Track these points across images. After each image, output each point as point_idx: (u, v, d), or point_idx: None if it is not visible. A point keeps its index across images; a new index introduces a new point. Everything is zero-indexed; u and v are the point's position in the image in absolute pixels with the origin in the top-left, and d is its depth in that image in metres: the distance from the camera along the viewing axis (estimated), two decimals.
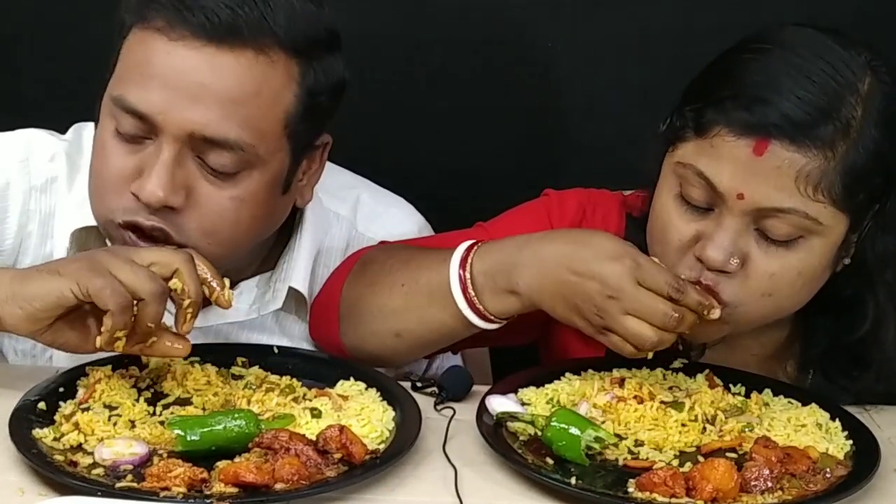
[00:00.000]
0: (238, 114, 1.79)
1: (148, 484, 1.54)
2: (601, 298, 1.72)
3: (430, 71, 2.58)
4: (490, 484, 1.64)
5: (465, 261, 1.83)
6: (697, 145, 1.78)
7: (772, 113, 1.72)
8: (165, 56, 1.79)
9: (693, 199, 1.79)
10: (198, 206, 1.81)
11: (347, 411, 1.74)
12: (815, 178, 1.72)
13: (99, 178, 1.85)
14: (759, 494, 1.61)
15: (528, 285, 1.78)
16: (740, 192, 1.74)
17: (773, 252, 1.77)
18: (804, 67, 1.74)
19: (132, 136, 1.81)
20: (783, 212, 1.74)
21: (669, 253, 1.80)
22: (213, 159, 1.80)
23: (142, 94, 1.79)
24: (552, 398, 1.82)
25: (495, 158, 2.64)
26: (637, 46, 2.58)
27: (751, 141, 1.72)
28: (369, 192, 2.14)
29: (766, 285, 1.78)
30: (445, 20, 2.56)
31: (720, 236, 1.76)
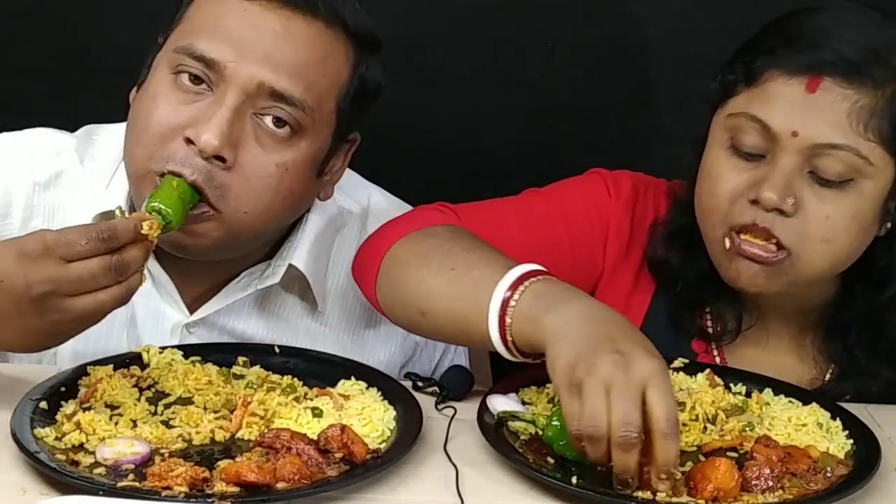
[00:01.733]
0: (305, 76, 1.84)
1: (149, 483, 1.54)
2: (607, 359, 1.55)
3: (430, 71, 2.59)
4: (491, 483, 1.64)
5: (516, 287, 1.69)
6: (749, 94, 1.83)
7: (823, 52, 1.78)
8: (242, 13, 1.84)
9: (746, 147, 1.82)
10: (243, 167, 1.83)
11: (349, 411, 1.74)
12: (865, 114, 1.77)
13: (146, 127, 1.85)
14: (760, 494, 1.61)
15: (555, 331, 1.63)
16: (795, 129, 1.78)
17: (826, 195, 1.80)
18: (853, 19, 1.82)
19: (195, 80, 1.83)
20: (836, 148, 1.78)
21: (721, 204, 1.84)
22: (272, 114, 1.84)
23: (213, 44, 1.83)
24: (553, 397, 1.82)
25: (495, 158, 2.64)
26: (637, 46, 2.58)
27: (803, 79, 1.79)
28: (381, 195, 2.16)
29: (824, 229, 1.80)
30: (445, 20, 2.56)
31: (775, 175, 1.79)
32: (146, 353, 1.84)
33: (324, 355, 1.93)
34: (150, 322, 2.00)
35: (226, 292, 2.01)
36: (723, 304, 1.98)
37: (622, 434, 1.51)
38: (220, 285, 2.01)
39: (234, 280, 2.01)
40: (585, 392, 1.54)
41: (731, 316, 1.98)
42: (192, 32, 1.86)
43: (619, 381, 1.53)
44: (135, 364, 1.82)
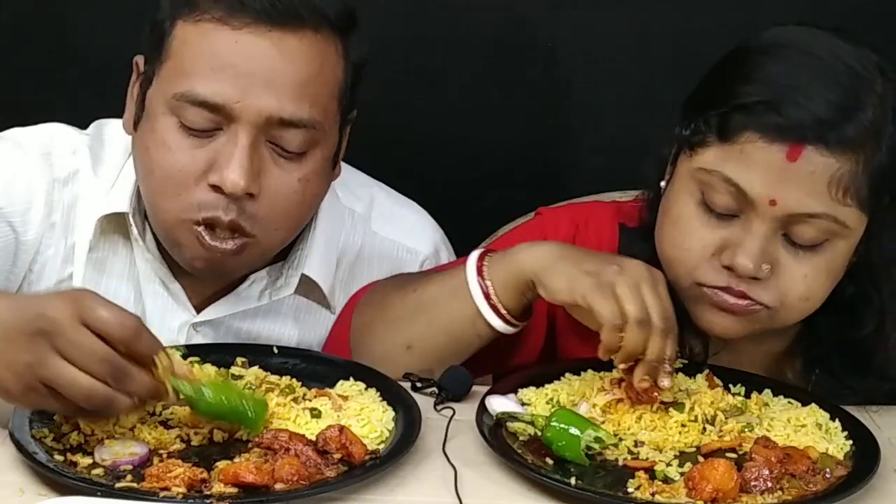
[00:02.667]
0: (308, 94, 1.83)
1: (148, 484, 1.54)
2: (607, 264, 1.75)
3: (430, 71, 2.59)
4: (490, 484, 1.64)
5: (485, 253, 1.86)
6: (723, 150, 1.76)
7: (805, 116, 1.71)
8: (233, 45, 1.81)
9: (718, 206, 1.78)
10: (268, 192, 1.84)
11: (347, 411, 1.74)
12: (845, 181, 1.73)
13: (167, 177, 1.84)
14: (759, 494, 1.61)
15: (534, 252, 1.82)
16: (773, 198, 1.73)
17: (801, 256, 1.78)
18: (826, 68, 1.75)
19: (202, 130, 1.82)
20: (814, 216, 1.74)
21: (689, 259, 1.80)
22: (286, 141, 1.84)
23: (214, 86, 1.80)
24: (552, 398, 1.82)
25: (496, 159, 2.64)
26: (637, 46, 2.58)
27: (784, 146, 1.72)
28: (385, 193, 2.16)
29: (802, 289, 1.79)
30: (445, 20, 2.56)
31: (750, 243, 1.76)
32: None
33: (322, 356, 1.93)
34: (158, 320, 2.01)
35: (237, 297, 2.01)
36: (688, 330, 1.96)
37: (665, 319, 1.71)
38: (228, 287, 2.01)
39: (243, 283, 2.01)
40: (623, 289, 1.71)
41: (697, 342, 1.96)
42: (186, 74, 1.82)
43: (645, 278, 1.73)
44: None
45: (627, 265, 1.75)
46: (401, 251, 2.10)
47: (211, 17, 1.81)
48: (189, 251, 1.87)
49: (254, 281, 2.02)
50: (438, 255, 2.12)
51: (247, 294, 2.01)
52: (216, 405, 1.64)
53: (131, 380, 1.55)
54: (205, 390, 1.63)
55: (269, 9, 1.80)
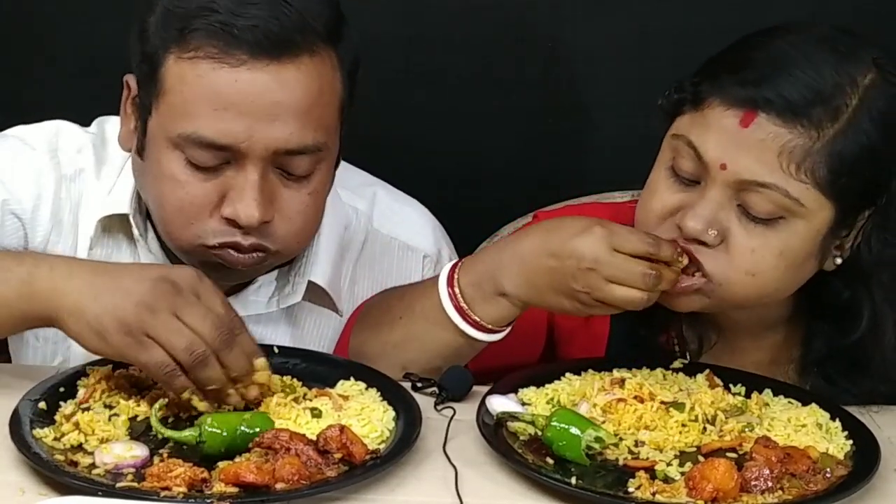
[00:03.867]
0: (311, 120, 1.83)
1: (148, 484, 1.55)
2: (582, 273, 1.75)
3: (430, 71, 2.59)
4: (490, 484, 1.64)
5: (452, 277, 1.86)
6: (692, 117, 1.80)
7: (764, 88, 1.74)
8: (233, 84, 1.79)
9: (682, 171, 1.81)
10: (283, 212, 1.86)
11: (348, 411, 1.74)
12: (798, 155, 1.73)
13: (179, 210, 1.85)
14: (760, 494, 1.61)
15: (515, 284, 1.81)
16: (723, 161, 1.76)
17: (753, 229, 1.77)
18: (806, 53, 1.77)
19: (210, 166, 1.83)
20: (764, 186, 1.75)
21: (651, 219, 1.83)
22: (293, 167, 1.85)
23: (219, 127, 1.80)
24: (552, 398, 1.82)
25: (496, 159, 2.64)
26: (637, 46, 2.58)
27: (739, 112, 1.75)
28: (385, 190, 2.16)
29: (748, 262, 1.78)
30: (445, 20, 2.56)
31: (700, 206, 1.78)
32: None
33: (323, 355, 1.93)
34: None
35: (245, 300, 2.01)
36: (684, 323, 1.97)
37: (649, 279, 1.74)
38: (235, 288, 2.01)
39: (251, 285, 2.02)
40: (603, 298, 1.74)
41: (692, 335, 1.97)
42: (188, 115, 1.81)
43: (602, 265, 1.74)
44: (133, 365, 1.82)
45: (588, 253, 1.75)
46: (402, 248, 2.10)
47: (206, 55, 1.79)
48: (212, 270, 1.86)
49: (261, 285, 2.02)
50: (440, 253, 2.12)
51: (255, 298, 2.01)
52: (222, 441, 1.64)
53: (236, 351, 1.68)
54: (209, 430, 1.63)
55: (263, 41, 1.78)
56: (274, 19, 1.79)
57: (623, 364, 1.89)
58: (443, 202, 2.21)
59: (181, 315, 1.65)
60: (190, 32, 1.80)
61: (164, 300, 1.65)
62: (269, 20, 1.78)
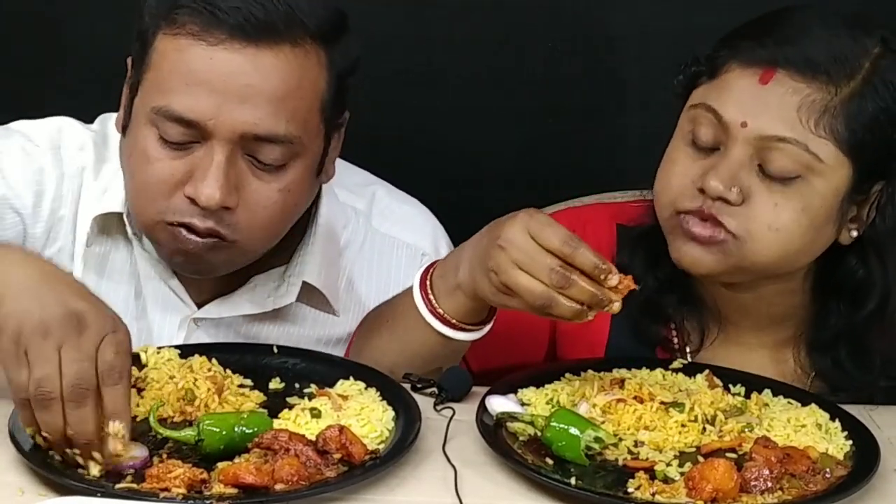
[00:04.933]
0: (285, 109, 1.83)
1: (147, 485, 1.54)
2: (495, 251, 1.74)
3: (430, 71, 2.59)
4: (490, 484, 1.64)
5: (426, 275, 1.88)
6: (709, 86, 1.84)
7: (784, 47, 1.79)
8: (208, 61, 1.81)
9: (701, 139, 1.83)
10: (248, 202, 1.85)
11: (347, 411, 1.74)
12: (817, 111, 1.77)
13: (145, 185, 1.86)
14: (759, 494, 1.61)
15: (463, 271, 1.82)
16: (744, 120, 1.79)
17: (774, 188, 1.80)
18: (822, 19, 1.83)
19: (179, 143, 1.83)
20: (785, 141, 1.78)
21: (671, 189, 1.85)
22: (263, 155, 1.84)
23: (189, 103, 1.81)
24: (552, 398, 1.82)
25: (496, 159, 2.64)
26: (638, 46, 2.58)
27: (758, 70, 1.80)
28: (385, 189, 2.16)
29: (771, 217, 1.80)
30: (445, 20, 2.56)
31: (722, 165, 1.80)
32: (144, 353, 1.83)
33: (323, 355, 1.93)
34: (158, 317, 2.02)
35: (239, 299, 2.01)
36: (686, 313, 1.97)
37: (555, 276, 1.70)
38: (229, 286, 2.02)
39: (246, 284, 2.01)
40: (506, 280, 1.73)
41: (693, 325, 1.98)
42: (163, 89, 1.83)
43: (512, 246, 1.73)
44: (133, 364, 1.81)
45: (507, 233, 1.74)
46: (401, 247, 2.10)
47: (188, 32, 1.81)
48: (168, 248, 1.88)
49: (257, 284, 2.02)
50: (438, 251, 2.12)
51: (249, 297, 2.02)
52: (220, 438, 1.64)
53: (83, 411, 1.55)
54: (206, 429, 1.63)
55: (243, 24, 1.79)
56: (259, 5, 1.80)
57: (623, 364, 1.89)
58: (443, 202, 2.21)
59: (63, 350, 1.55)
60: (177, 10, 1.82)
61: (61, 330, 1.55)
62: (254, 5, 1.80)
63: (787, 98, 1.78)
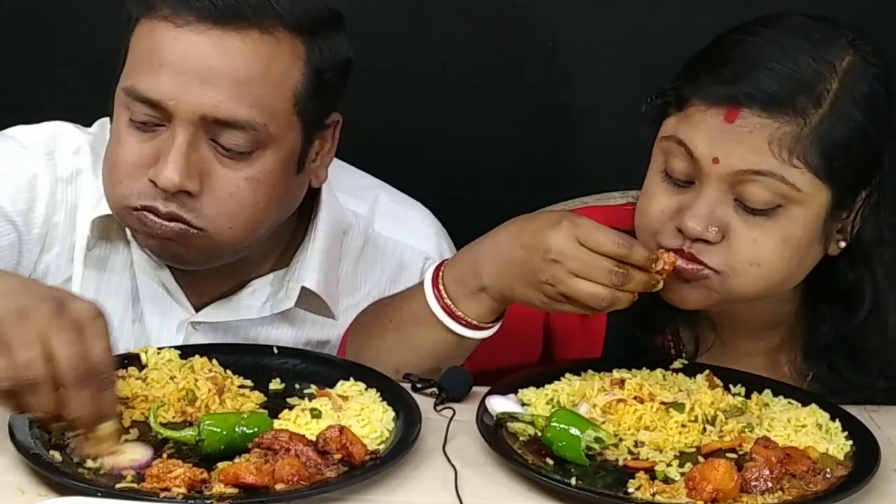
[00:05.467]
0: (248, 94, 1.82)
1: (148, 485, 1.54)
2: (547, 265, 1.75)
3: (430, 71, 2.59)
4: (490, 484, 1.64)
5: (437, 277, 1.87)
6: (677, 118, 1.81)
7: (742, 84, 1.75)
8: (173, 42, 1.82)
9: (675, 172, 1.81)
10: (213, 189, 1.84)
11: (347, 412, 1.74)
12: (788, 142, 1.74)
13: (114, 167, 1.87)
14: (760, 495, 1.61)
15: (490, 275, 1.82)
16: (716, 156, 1.76)
17: (753, 221, 1.78)
18: (781, 44, 1.78)
19: (146, 124, 1.84)
20: (760, 174, 1.75)
21: (651, 224, 1.83)
22: (226, 140, 1.83)
23: (152, 83, 1.82)
24: (552, 398, 1.82)
25: (496, 159, 2.64)
26: (637, 46, 2.58)
27: (722, 110, 1.76)
28: (387, 193, 2.16)
29: (751, 253, 1.78)
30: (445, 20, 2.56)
31: (698, 205, 1.78)
32: (144, 353, 1.83)
33: (323, 356, 1.93)
34: (157, 319, 2.02)
35: (238, 303, 2.01)
36: (681, 322, 1.97)
37: (614, 276, 1.74)
38: (228, 290, 2.02)
39: (244, 288, 2.01)
40: (566, 291, 1.75)
41: (688, 335, 1.98)
42: (132, 70, 1.85)
43: (567, 258, 1.74)
44: (133, 365, 1.82)
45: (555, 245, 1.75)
46: (403, 250, 2.10)
47: (160, 16, 1.83)
48: (140, 234, 1.89)
49: (255, 289, 2.01)
50: (441, 254, 2.11)
51: (249, 301, 2.01)
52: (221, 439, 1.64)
53: (84, 394, 1.55)
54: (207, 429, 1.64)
55: (210, 7, 1.80)
56: None
57: (623, 364, 1.89)
58: (442, 202, 2.21)
59: (48, 336, 1.53)
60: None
61: (41, 316, 1.54)
62: None
63: (756, 134, 1.74)
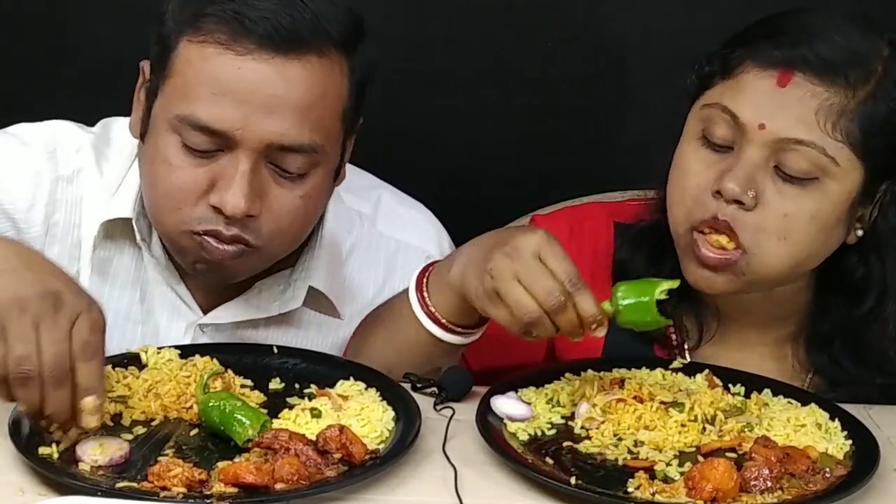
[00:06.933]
0: (309, 119, 1.83)
1: (148, 484, 1.55)
2: (499, 256, 1.74)
3: (430, 71, 2.59)
4: (490, 484, 1.64)
5: (424, 274, 1.89)
6: (724, 85, 1.84)
7: (800, 48, 1.79)
8: (236, 71, 1.80)
9: (715, 139, 1.83)
10: (271, 209, 1.85)
11: (347, 411, 1.74)
12: (834, 114, 1.77)
13: (169, 193, 1.85)
14: (759, 494, 1.61)
15: (456, 268, 1.83)
16: (762, 122, 1.78)
17: (787, 191, 1.80)
18: (836, 21, 1.83)
19: (203, 151, 1.83)
20: (802, 144, 1.78)
21: (687, 198, 1.84)
22: (287, 164, 1.84)
23: (215, 112, 1.80)
24: (552, 398, 1.82)
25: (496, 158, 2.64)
26: (637, 46, 2.58)
27: (775, 72, 1.79)
28: (390, 193, 2.16)
29: (781, 226, 1.80)
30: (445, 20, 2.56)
31: (739, 167, 1.80)
32: (144, 353, 1.84)
33: (323, 355, 1.93)
34: (165, 321, 2.02)
35: (245, 304, 2.01)
36: (685, 311, 1.97)
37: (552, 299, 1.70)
38: (235, 291, 2.02)
39: (251, 289, 2.01)
40: (501, 288, 1.72)
41: (692, 322, 1.98)
42: (188, 98, 1.82)
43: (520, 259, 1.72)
44: (133, 364, 1.82)
45: (518, 243, 1.74)
46: (406, 250, 2.10)
47: (215, 41, 1.80)
48: (192, 256, 1.88)
49: (262, 290, 2.01)
50: (443, 255, 2.12)
51: (256, 302, 2.01)
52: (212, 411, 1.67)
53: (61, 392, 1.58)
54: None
55: (272, 34, 1.79)
56: (287, 15, 1.79)
57: (623, 364, 1.89)
58: (443, 202, 2.21)
59: (40, 328, 1.57)
60: (203, 17, 1.81)
61: (37, 307, 1.57)
62: (282, 15, 1.79)
63: (806, 101, 1.78)
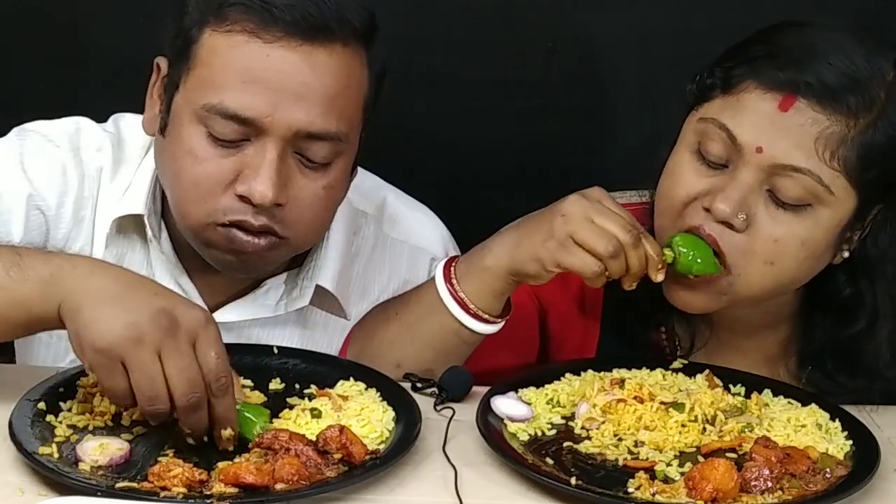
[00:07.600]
0: (336, 107, 1.84)
1: (148, 484, 1.55)
2: (569, 202, 1.79)
3: (430, 71, 2.59)
4: (490, 484, 1.64)
5: (450, 264, 1.89)
6: (723, 101, 1.81)
7: (804, 72, 1.76)
8: (264, 59, 1.81)
9: (710, 154, 1.81)
10: (295, 199, 1.85)
11: (347, 411, 1.74)
12: (833, 142, 1.75)
13: (195, 184, 1.84)
14: (759, 494, 1.61)
15: (497, 248, 1.85)
16: (760, 145, 1.76)
17: (779, 217, 1.78)
18: (841, 42, 1.79)
19: (230, 140, 1.83)
20: (799, 171, 1.75)
21: (675, 206, 1.83)
22: (313, 153, 1.85)
23: (245, 100, 1.80)
24: (552, 398, 1.82)
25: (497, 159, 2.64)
26: (637, 46, 2.58)
27: (778, 95, 1.76)
28: (395, 195, 2.16)
29: (770, 251, 1.79)
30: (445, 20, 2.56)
31: (731, 189, 1.78)
32: None
33: (323, 356, 1.93)
34: None
35: (253, 302, 2.01)
36: (676, 318, 1.97)
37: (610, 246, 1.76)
38: (243, 290, 2.02)
39: (259, 287, 2.01)
40: (582, 234, 1.77)
41: (684, 330, 1.98)
42: (216, 86, 1.82)
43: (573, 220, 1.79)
44: None
45: (568, 208, 1.79)
46: (410, 251, 2.10)
47: (242, 29, 1.81)
48: (220, 249, 1.87)
49: (270, 288, 2.01)
50: (447, 256, 2.12)
51: (263, 301, 2.01)
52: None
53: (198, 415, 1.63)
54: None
55: (300, 21, 1.79)
56: (313, 4, 1.81)
57: (623, 364, 1.89)
58: (443, 202, 2.21)
59: (163, 357, 1.59)
60: (228, 7, 1.82)
61: (155, 334, 1.59)
62: (308, 4, 1.80)
63: (807, 128, 1.75)
